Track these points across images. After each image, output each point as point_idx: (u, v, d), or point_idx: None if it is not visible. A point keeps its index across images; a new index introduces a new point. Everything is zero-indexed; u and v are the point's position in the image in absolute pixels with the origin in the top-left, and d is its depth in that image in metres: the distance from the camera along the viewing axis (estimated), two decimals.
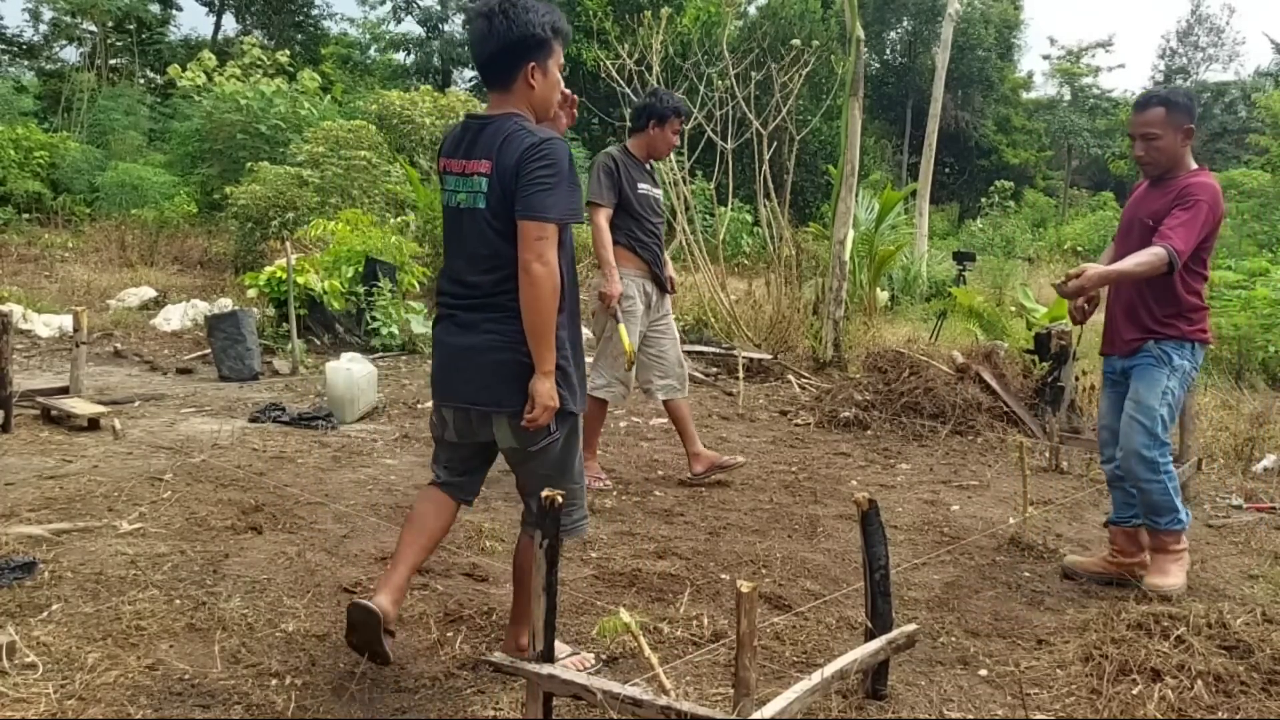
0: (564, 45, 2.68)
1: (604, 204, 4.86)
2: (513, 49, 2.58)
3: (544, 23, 2.58)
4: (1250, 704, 2.72)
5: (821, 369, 8.39)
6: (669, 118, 4.99)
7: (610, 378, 5.01)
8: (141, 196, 16.20)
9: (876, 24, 36.43)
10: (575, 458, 2.78)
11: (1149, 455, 3.61)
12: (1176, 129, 3.65)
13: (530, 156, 2.51)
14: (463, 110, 15.05)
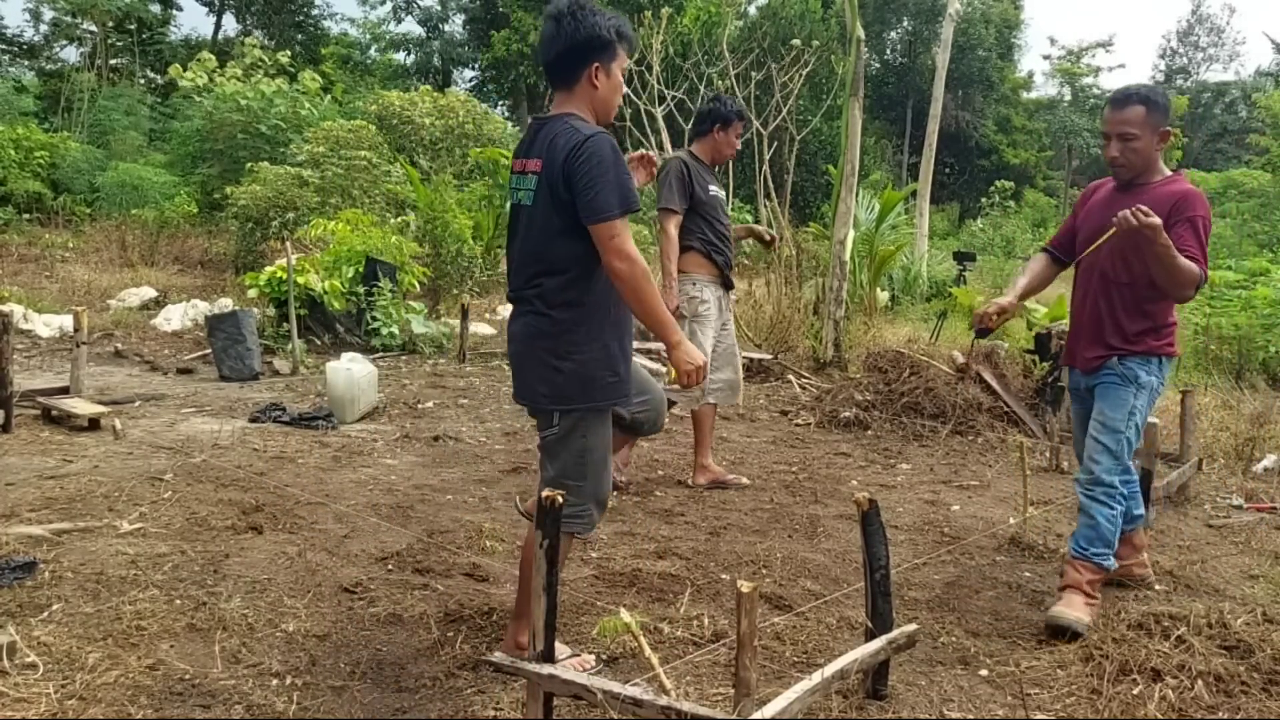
0: (629, 51, 2.78)
1: (676, 210, 4.86)
2: (578, 49, 2.68)
3: (609, 25, 2.69)
4: (1251, 704, 2.72)
5: (822, 369, 8.39)
6: (732, 121, 5.03)
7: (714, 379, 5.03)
8: (142, 196, 16.21)
9: (877, 24, 36.44)
10: (581, 454, 2.73)
11: (1109, 480, 3.37)
12: (1154, 130, 3.39)
13: (575, 157, 2.58)
14: (463, 111, 15.06)
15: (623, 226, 2.59)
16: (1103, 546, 3.37)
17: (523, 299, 2.74)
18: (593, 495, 2.78)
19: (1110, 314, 3.44)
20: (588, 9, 2.68)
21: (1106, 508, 3.38)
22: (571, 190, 2.59)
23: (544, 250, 2.67)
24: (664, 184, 4.89)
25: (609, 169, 2.57)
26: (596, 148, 2.57)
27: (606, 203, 2.56)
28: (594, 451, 2.74)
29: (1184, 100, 32.19)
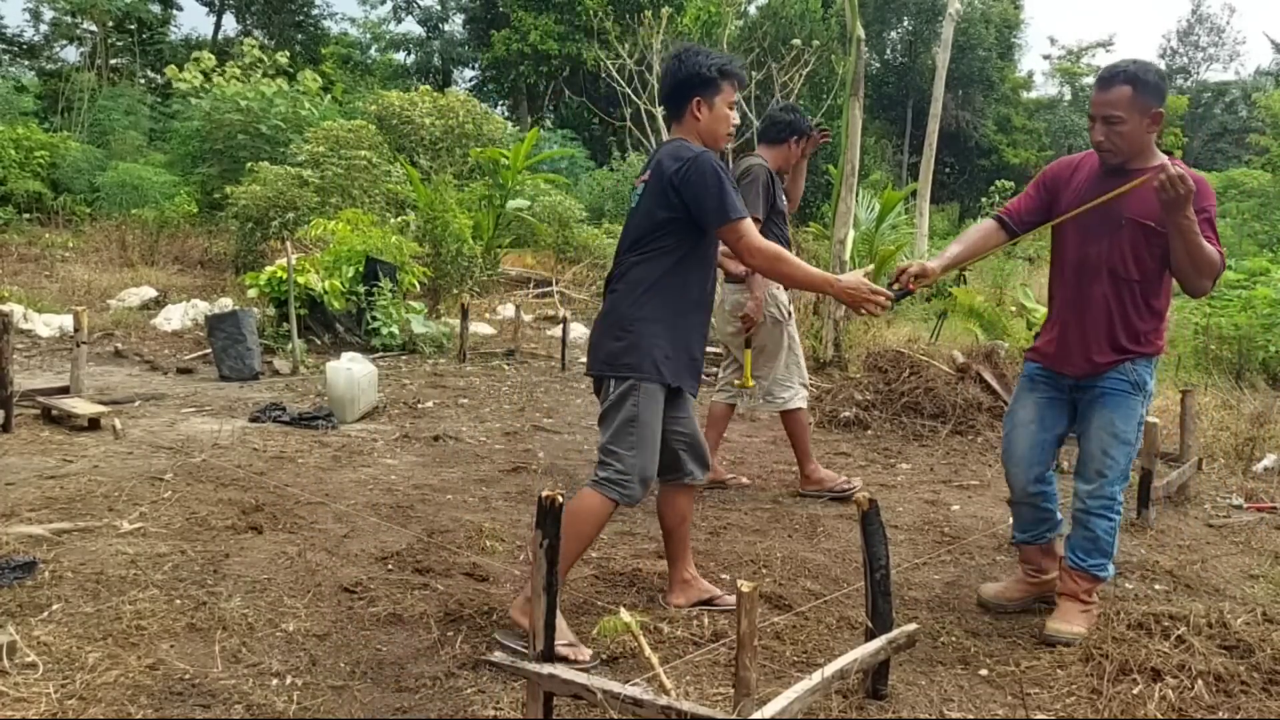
0: (736, 86, 3.14)
1: (759, 217, 4.79)
2: (681, 86, 3.12)
3: (711, 65, 3.08)
4: (1251, 704, 2.72)
5: (822, 369, 8.39)
6: (810, 135, 5.06)
7: (796, 385, 5.02)
8: (142, 196, 16.21)
9: (877, 24, 36.41)
10: (629, 421, 3.01)
11: (1112, 492, 3.29)
12: (1144, 113, 3.07)
13: (682, 172, 2.98)
14: (463, 111, 15.07)
15: (745, 227, 2.96)
16: (1100, 558, 3.32)
17: (610, 280, 3.16)
18: (638, 468, 3.01)
19: (1121, 313, 3.20)
20: (693, 51, 3.11)
21: (1106, 520, 3.32)
22: (683, 199, 2.98)
23: (637, 235, 3.09)
24: (749, 190, 4.79)
25: (717, 181, 2.94)
26: (702, 164, 2.96)
27: (731, 206, 2.95)
28: (642, 423, 3.01)
29: (1184, 100, 32.19)
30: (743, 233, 2.95)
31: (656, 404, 3.04)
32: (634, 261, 3.07)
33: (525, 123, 26.31)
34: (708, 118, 3.12)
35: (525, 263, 14.70)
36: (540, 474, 5.11)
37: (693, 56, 3.09)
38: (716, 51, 3.17)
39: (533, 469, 5.20)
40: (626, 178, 18.75)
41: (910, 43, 38.03)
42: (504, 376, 8.13)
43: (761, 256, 2.97)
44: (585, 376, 3.27)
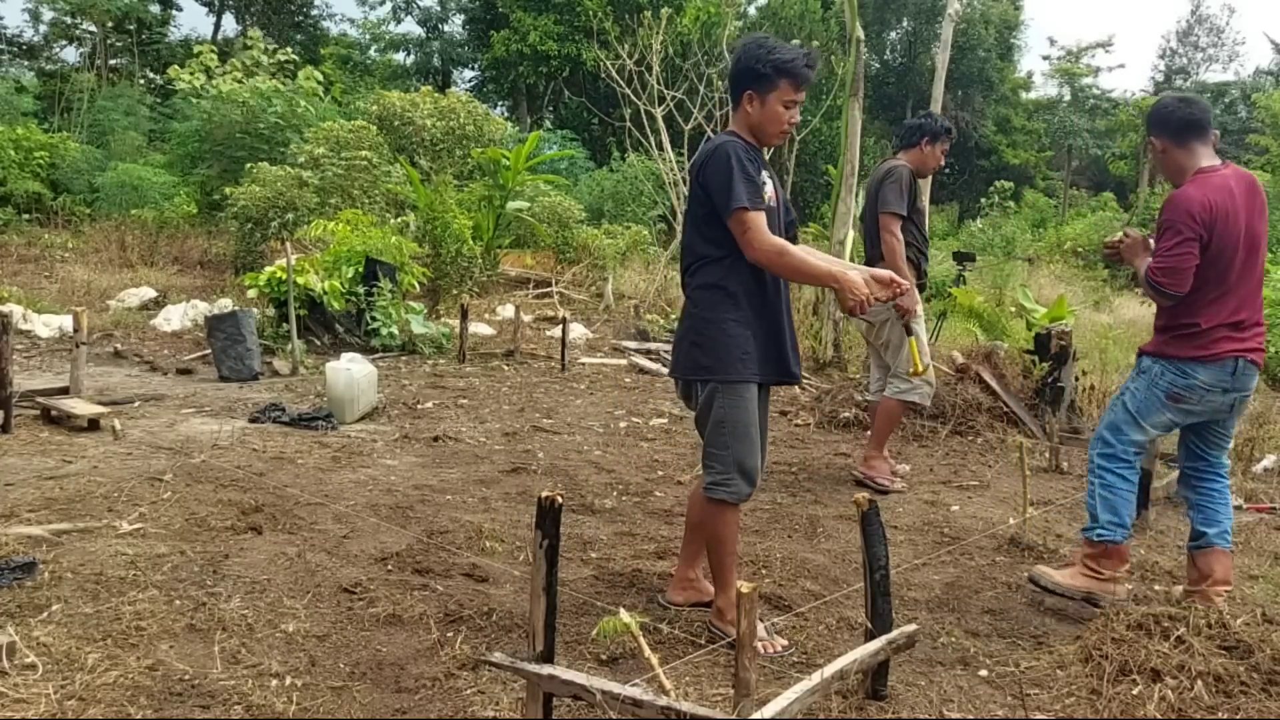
0: (794, 85, 3.04)
1: (901, 214, 5.00)
2: (737, 78, 3.10)
3: (770, 60, 3.01)
4: (1250, 704, 2.72)
5: (821, 369, 8.39)
6: (941, 136, 5.15)
7: (918, 379, 5.10)
8: (141, 197, 16.21)
9: (876, 24, 36.42)
10: (719, 424, 3.04)
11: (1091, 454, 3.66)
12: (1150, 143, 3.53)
13: (704, 162, 3.03)
14: (463, 112, 15.04)
15: (752, 220, 2.92)
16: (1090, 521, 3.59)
17: (684, 287, 3.17)
18: (736, 463, 3.04)
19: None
20: (756, 44, 3.07)
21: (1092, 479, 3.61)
22: (707, 191, 3.01)
23: (689, 241, 3.13)
24: (890, 188, 5.02)
25: (728, 169, 2.94)
26: (720, 153, 2.98)
27: (731, 196, 2.92)
28: (732, 422, 3.03)
29: None
30: (746, 224, 2.92)
31: (744, 400, 3.04)
32: (699, 261, 3.08)
33: (525, 123, 26.32)
34: (758, 113, 3.08)
35: (525, 263, 14.70)
36: (540, 474, 5.11)
37: (754, 49, 3.05)
38: (790, 46, 3.08)
39: (532, 469, 5.20)
40: (626, 178, 18.75)
41: (910, 43, 38.04)
42: (504, 377, 8.13)
43: (763, 252, 2.92)
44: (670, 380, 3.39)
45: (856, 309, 2.93)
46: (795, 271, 2.98)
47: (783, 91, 3.04)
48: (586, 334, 10.67)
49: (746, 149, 3.05)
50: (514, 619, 3.18)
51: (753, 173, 2.98)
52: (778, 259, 2.93)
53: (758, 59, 3.03)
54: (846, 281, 2.91)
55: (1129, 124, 32.89)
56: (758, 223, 2.93)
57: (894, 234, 4.99)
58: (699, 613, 3.33)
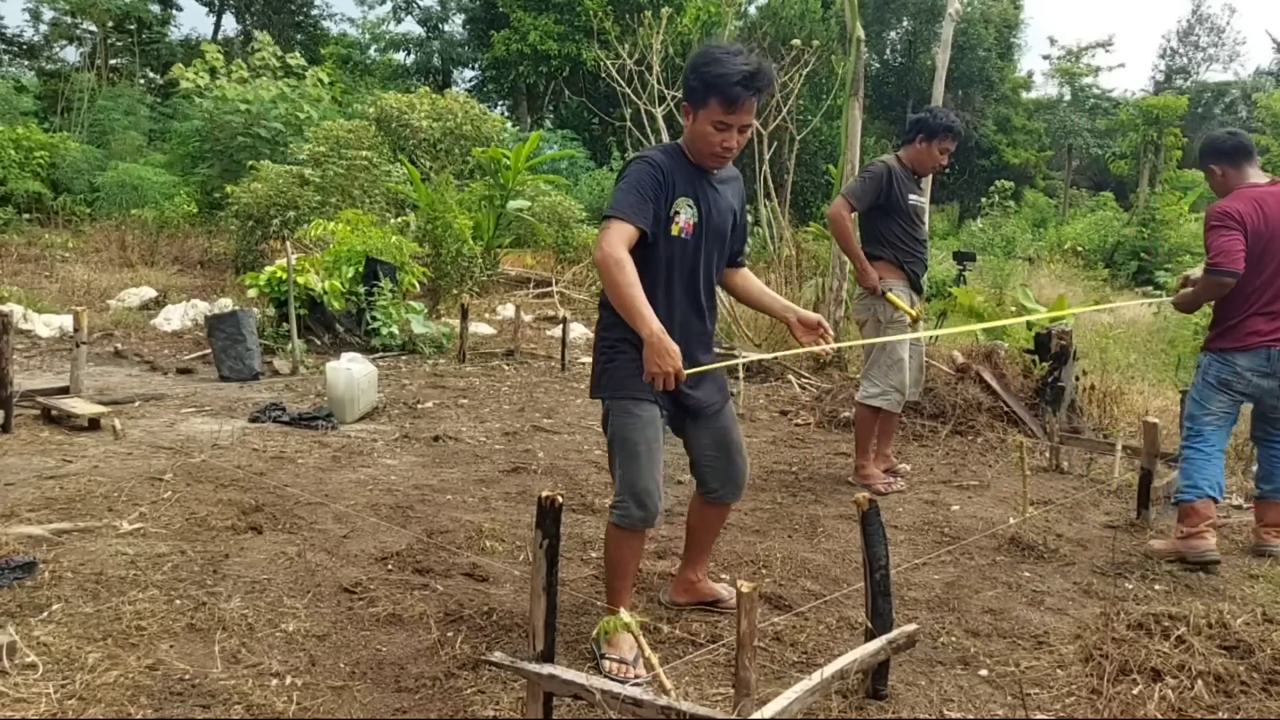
0: (726, 106, 2.76)
1: (852, 202, 5.01)
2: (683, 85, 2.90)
3: (700, 72, 2.78)
4: (1251, 704, 2.72)
5: (822, 369, 8.39)
6: (938, 134, 5.02)
7: (884, 385, 5.09)
8: (141, 196, 16.20)
9: (876, 24, 36.41)
10: (611, 442, 2.95)
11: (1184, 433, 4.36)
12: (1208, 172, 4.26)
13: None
14: (461, 113, 15.06)
15: (611, 226, 2.72)
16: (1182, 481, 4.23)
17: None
18: (625, 487, 2.89)
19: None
20: (703, 52, 2.81)
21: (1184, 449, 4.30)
22: None
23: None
24: (859, 177, 5.14)
25: (623, 181, 2.81)
26: (628, 164, 2.86)
27: (610, 204, 2.78)
28: (623, 440, 2.89)
29: (1184, 100, 32.16)
30: (604, 228, 2.73)
31: (634, 418, 2.86)
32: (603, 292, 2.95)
33: (525, 123, 26.31)
34: (690, 128, 2.87)
35: (525, 263, 14.70)
36: (540, 474, 5.11)
37: (695, 58, 2.81)
38: (737, 60, 2.74)
39: (532, 469, 5.20)
40: None
41: (910, 43, 38.04)
42: (504, 377, 8.13)
43: (602, 256, 2.67)
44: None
45: (657, 382, 2.61)
46: (614, 292, 2.66)
47: (711, 110, 2.77)
48: (587, 334, 10.67)
49: (664, 167, 2.81)
50: (514, 619, 3.18)
51: (649, 190, 2.77)
52: (606, 271, 2.66)
53: (693, 69, 2.80)
54: (654, 345, 2.57)
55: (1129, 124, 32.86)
56: (614, 230, 2.69)
57: (840, 215, 5.00)
58: (699, 613, 3.33)
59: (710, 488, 3.18)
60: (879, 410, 5.14)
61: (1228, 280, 3.99)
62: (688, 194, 2.88)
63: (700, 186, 2.93)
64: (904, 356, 5.10)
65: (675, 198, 2.85)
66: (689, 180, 2.90)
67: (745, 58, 2.76)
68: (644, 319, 2.61)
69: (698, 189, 2.92)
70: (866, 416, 5.17)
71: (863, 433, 5.20)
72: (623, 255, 2.66)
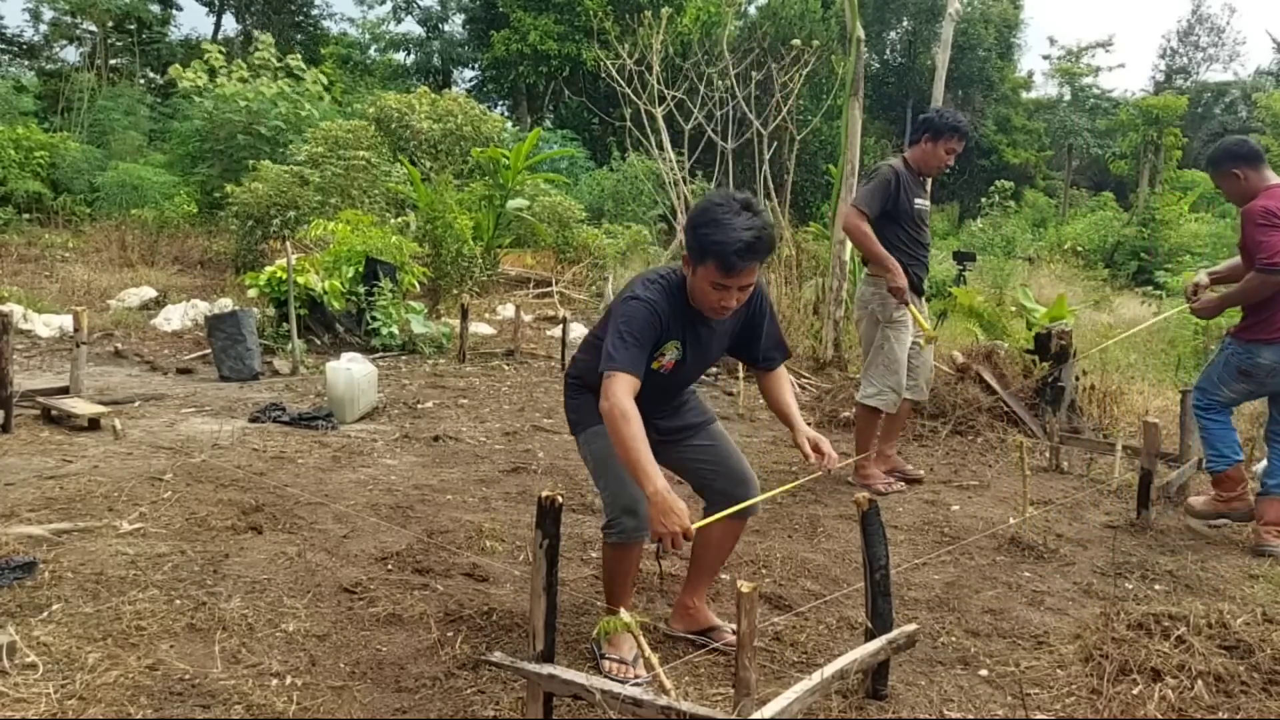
0: (723, 270, 2.68)
1: (864, 212, 4.96)
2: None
3: (700, 235, 2.70)
4: (1251, 704, 2.72)
5: (822, 369, 8.38)
6: (944, 134, 4.98)
7: (881, 385, 5.09)
8: (142, 196, 16.20)
9: (876, 24, 36.43)
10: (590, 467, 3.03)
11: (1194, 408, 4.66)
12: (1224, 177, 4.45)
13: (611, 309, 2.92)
14: (460, 113, 15.03)
15: (617, 378, 2.66)
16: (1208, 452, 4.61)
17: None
18: (614, 503, 2.90)
19: None
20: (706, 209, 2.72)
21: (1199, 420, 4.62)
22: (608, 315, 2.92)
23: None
24: (865, 184, 5.07)
25: (614, 324, 2.76)
26: (626, 301, 2.80)
27: (605, 356, 2.72)
28: (599, 462, 2.93)
29: (1184, 100, 32.16)
30: (607, 380, 2.68)
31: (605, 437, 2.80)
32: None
33: (525, 123, 26.30)
34: (689, 280, 2.80)
35: (525, 263, 14.69)
36: (540, 474, 5.11)
37: (698, 213, 2.74)
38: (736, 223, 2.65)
39: (532, 469, 5.20)
40: (626, 177, 18.74)
41: (910, 43, 38.06)
42: (504, 377, 8.13)
43: (608, 407, 2.63)
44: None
45: (666, 543, 2.54)
46: (620, 445, 2.62)
47: (710, 271, 2.69)
48: (586, 333, 10.67)
49: (663, 315, 2.78)
50: (514, 619, 3.18)
51: (648, 341, 2.74)
52: (616, 421, 2.61)
53: (693, 227, 2.72)
54: (657, 504, 2.52)
55: (1129, 124, 32.84)
56: (619, 382, 2.64)
57: (857, 226, 4.95)
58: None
59: (721, 493, 3.07)
60: (878, 411, 5.15)
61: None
62: (677, 336, 2.88)
63: (692, 328, 2.91)
64: (901, 358, 5.10)
65: (666, 341, 2.85)
66: (683, 324, 2.88)
67: (747, 220, 2.68)
68: (648, 476, 2.56)
69: (688, 331, 2.90)
70: (866, 417, 5.20)
71: (862, 433, 5.22)
72: (629, 407, 2.62)
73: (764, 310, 3.07)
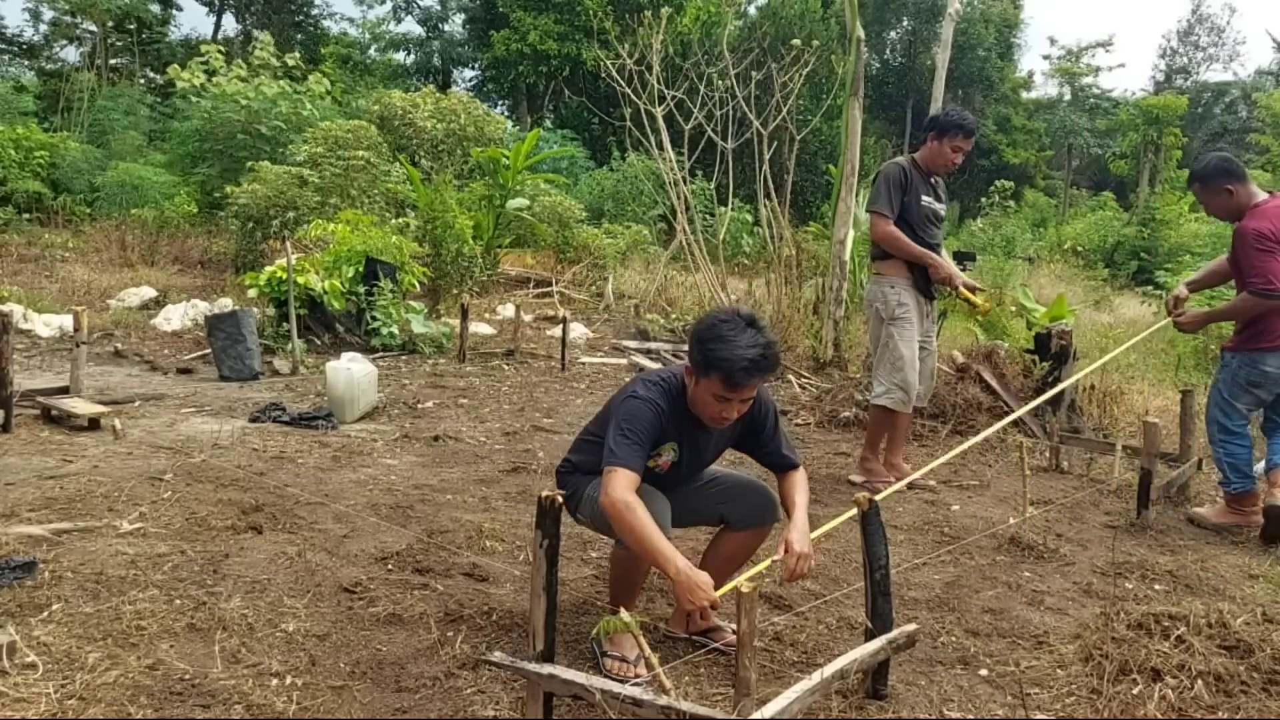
0: (727, 385, 2.71)
1: (885, 213, 4.96)
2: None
3: (705, 351, 2.73)
4: (1251, 704, 2.72)
5: (822, 369, 8.38)
6: (949, 131, 4.96)
7: (889, 384, 5.08)
8: (142, 196, 16.19)
9: (876, 24, 36.45)
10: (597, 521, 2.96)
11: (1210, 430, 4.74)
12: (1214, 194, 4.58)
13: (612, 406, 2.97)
14: (463, 113, 15.04)
15: (617, 473, 2.67)
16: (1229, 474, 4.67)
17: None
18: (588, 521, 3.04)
19: None
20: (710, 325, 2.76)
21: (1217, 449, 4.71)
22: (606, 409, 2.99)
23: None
24: (877, 186, 5.01)
25: (615, 420, 2.79)
26: (627, 400, 2.85)
27: (607, 451, 2.75)
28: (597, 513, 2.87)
29: (1184, 100, 32.17)
30: (607, 475, 2.69)
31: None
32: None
33: (525, 123, 26.31)
34: (692, 390, 2.84)
35: (525, 263, 14.70)
36: (540, 474, 5.11)
37: (702, 329, 2.78)
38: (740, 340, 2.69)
39: (533, 469, 5.20)
40: (626, 177, 18.75)
41: (910, 43, 38.07)
42: (504, 376, 8.13)
43: (610, 501, 2.63)
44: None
45: (695, 615, 2.61)
46: (630, 535, 2.61)
47: (713, 384, 2.73)
48: (587, 333, 10.67)
49: (664, 415, 2.82)
50: (514, 618, 3.18)
51: (647, 440, 2.77)
52: (621, 513, 2.61)
53: (698, 341, 2.76)
54: (682, 583, 2.54)
55: (1129, 124, 32.85)
56: (619, 477, 2.67)
57: (883, 229, 4.96)
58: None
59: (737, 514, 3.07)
60: (890, 410, 5.12)
61: (1275, 302, 4.39)
62: (675, 439, 2.91)
63: (690, 433, 2.94)
64: (906, 354, 5.07)
65: (664, 442, 2.89)
66: (681, 427, 2.91)
67: (752, 337, 2.71)
68: (666, 559, 2.56)
69: (685, 435, 2.93)
70: (876, 415, 5.21)
71: (871, 430, 5.25)
72: (631, 499, 2.63)
73: (765, 415, 3.04)
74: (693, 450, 2.98)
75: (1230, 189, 4.53)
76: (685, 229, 10.19)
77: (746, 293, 11.34)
